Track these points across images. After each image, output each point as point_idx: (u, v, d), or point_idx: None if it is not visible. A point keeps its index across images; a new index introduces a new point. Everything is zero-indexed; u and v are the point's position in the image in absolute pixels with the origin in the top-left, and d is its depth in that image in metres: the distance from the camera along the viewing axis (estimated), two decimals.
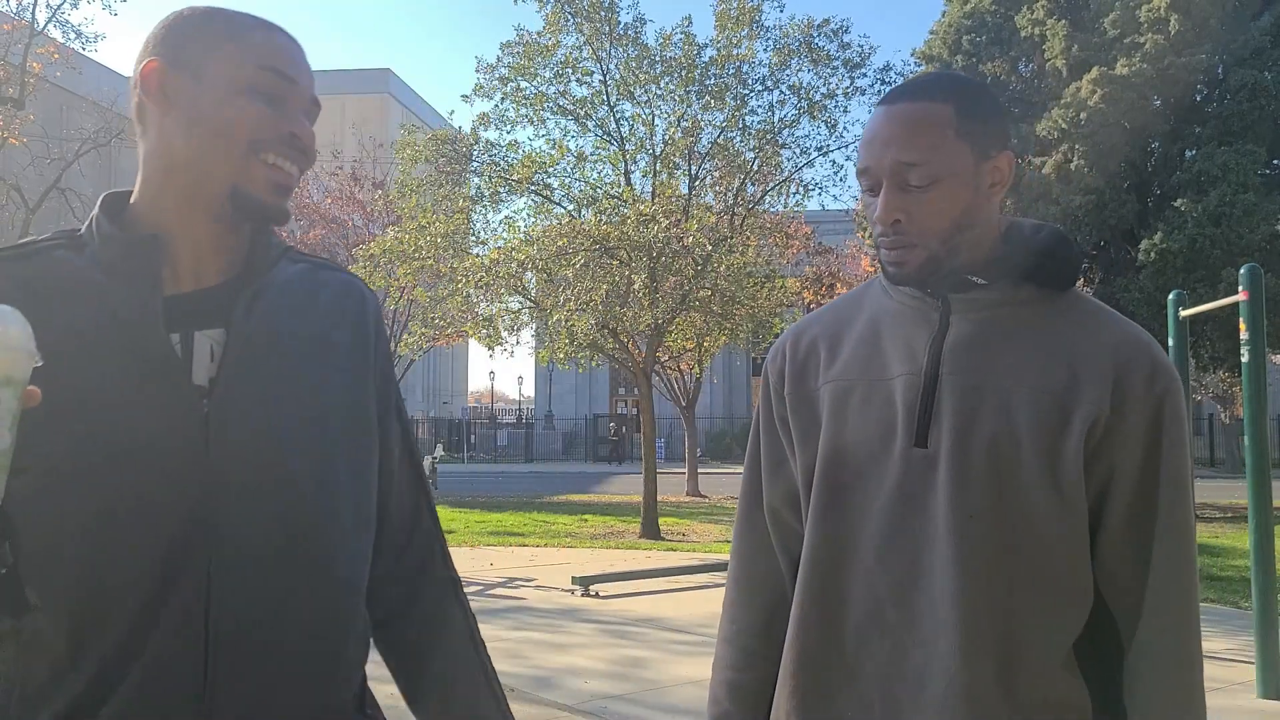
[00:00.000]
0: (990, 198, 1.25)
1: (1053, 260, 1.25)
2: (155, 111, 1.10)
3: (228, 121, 1.08)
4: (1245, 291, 5.42)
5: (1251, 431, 5.43)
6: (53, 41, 20.72)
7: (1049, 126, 14.58)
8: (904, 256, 1.23)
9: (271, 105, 1.10)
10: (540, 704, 5.12)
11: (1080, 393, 1.17)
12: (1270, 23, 14.49)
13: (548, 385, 43.38)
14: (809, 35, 14.28)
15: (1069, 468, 1.16)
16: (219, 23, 1.12)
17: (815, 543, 1.29)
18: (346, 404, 1.16)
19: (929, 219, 1.21)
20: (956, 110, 1.21)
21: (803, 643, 1.29)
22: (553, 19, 13.66)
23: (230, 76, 1.09)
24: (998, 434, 1.18)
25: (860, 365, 1.30)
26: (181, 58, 1.10)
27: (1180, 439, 1.20)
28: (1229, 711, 5.02)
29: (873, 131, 1.24)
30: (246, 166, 1.08)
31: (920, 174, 1.20)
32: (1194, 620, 1.20)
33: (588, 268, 11.79)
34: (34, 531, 0.97)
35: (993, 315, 1.24)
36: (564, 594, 8.33)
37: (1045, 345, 1.21)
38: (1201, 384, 29.31)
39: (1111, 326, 1.23)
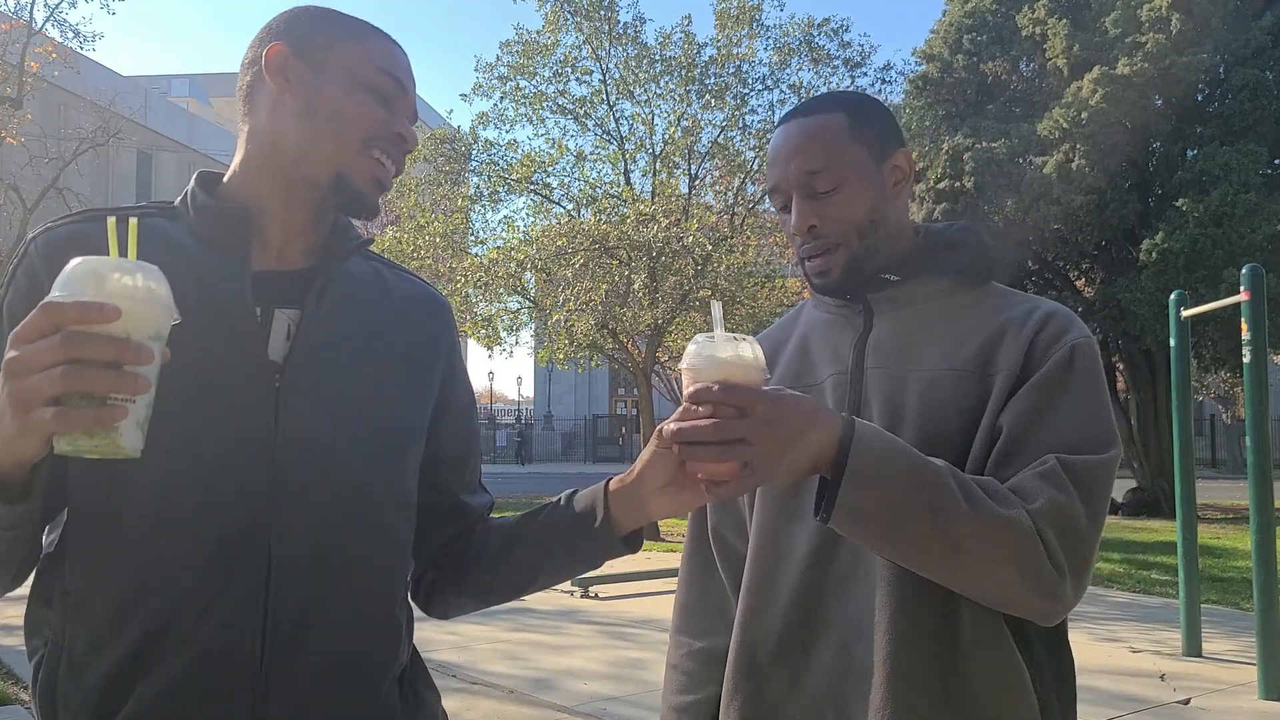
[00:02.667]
0: (896, 195, 1.31)
1: (967, 254, 1.31)
2: (273, 92, 1.15)
3: (346, 114, 1.14)
4: (1247, 291, 5.41)
5: (1253, 432, 5.42)
6: (50, 41, 20.70)
7: (1050, 126, 14.55)
8: (827, 262, 1.29)
9: (385, 106, 1.17)
10: (539, 705, 5.10)
11: (997, 363, 1.21)
12: (1272, 22, 14.47)
13: (547, 386, 43.37)
14: (809, 34, 14.26)
15: (989, 430, 1.19)
16: (345, 22, 1.19)
17: (756, 550, 1.32)
18: (400, 405, 1.20)
19: (842, 219, 1.27)
20: (847, 116, 1.29)
21: (747, 654, 1.30)
22: (552, 18, 13.64)
23: (353, 72, 1.15)
24: (924, 416, 1.21)
25: (793, 374, 1.35)
26: (305, 47, 1.16)
27: (1089, 381, 1.18)
28: (1231, 712, 5.00)
29: (775, 150, 1.31)
30: (355, 158, 1.15)
31: (825, 179, 1.26)
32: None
33: (587, 267, 11.76)
34: (98, 499, 1.02)
35: (913, 311, 1.29)
36: (563, 595, 8.31)
37: (964, 329, 1.25)
38: (1203, 384, 29.29)
39: (1024, 303, 1.27)
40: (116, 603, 1.04)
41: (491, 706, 5.07)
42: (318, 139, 1.14)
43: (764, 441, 1.04)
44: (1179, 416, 6.60)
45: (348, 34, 1.18)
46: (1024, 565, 1.08)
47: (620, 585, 8.61)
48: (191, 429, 1.04)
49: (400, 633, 1.20)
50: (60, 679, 1.05)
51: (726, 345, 1.07)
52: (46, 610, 1.09)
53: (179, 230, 1.14)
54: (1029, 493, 1.10)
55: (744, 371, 1.06)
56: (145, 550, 1.04)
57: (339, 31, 1.18)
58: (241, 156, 1.18)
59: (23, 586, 1.14)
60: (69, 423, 0.80)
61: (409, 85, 1.20)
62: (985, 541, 1.07)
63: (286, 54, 1.15)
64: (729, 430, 1.03)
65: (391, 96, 1.18)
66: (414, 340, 1.25)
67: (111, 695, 1.04)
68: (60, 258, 0.90)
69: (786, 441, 1.05)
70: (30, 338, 0.80)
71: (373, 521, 1.15)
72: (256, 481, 1.07)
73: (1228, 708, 5.09)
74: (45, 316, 0.80)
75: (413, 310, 1.27)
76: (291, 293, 1.15)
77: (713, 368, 1.06)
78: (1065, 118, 14.29)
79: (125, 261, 0.85)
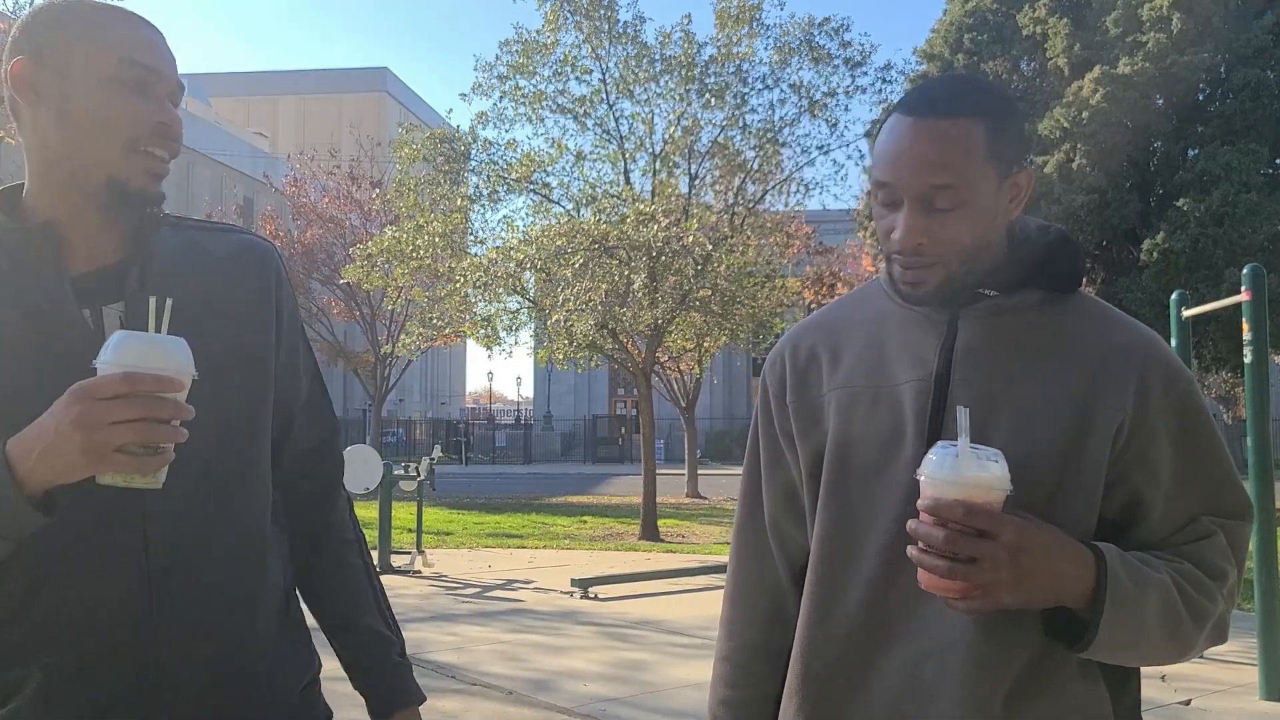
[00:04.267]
0: (1009, 214, 1.22)
1: (1058, 263, 1.24)
2: (27, 109, 1.17)
3: (101, 116, 1.15)
4: (1248, 291, 5.39)
5: (1254, 432, 5.41)
6: None
7: (1051, 125, 14.55)
8: (922, 276, 1.21)
9: (140, 96, 1.16)
10: (538, 707, 5.09)
11: (1101, 397, 1.16)
12: (1273, 21, 14.46)
13: (546, 386, 43.36)
14: (809, 33, 14.23)
15: (1090, 473, 1.14)
16: (79, 17, 1.17)
17: (821, 555, 1.25)
18: (241, 355, 1.26)
19: (952, 241, 1.18)
20: (988, 128, 1.17)
21: (808, 658, 1.25)
22: (551, 17, 13.62)
23: (97, 71, 1.15)
24: (1010, 440, 1.14)
25: (866, 372, 1.27)
26: (45, 54, 1.16)
27: (1210, 432, 1.20)
28: (1232, 713, 4.99)
29: (899, 147, 1.18)
30: (122, 160, 1.16)
31: (948, 197, 1.17)
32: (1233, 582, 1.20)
33: (587, 267, 11.75)
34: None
35: (1001, 321, 1.22)
36: (563, 596, 8.30)
37: (1058, 350, 1.19)
38: (1204, 384, 29.32)
39: (1122, 328, 1.22)
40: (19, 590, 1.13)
41: (491, 708, 5.06)
42: (80, 148, 1.15)
43: (1001, 568, 1.03)
44: None
45: (84, 30, 1.16)
46: (1216, 641, 1.19)
47: (620, 586, 8.59)
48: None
49: (265, 558, 1.28)
50: None
51: (971, 463, 1.04)
52: None
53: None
54: (1216, 572, 1.16)
55: (987, 493, 1.03)
56: (27, 560, 1.11)
57: (74, 30, 1.16)
58: (27, 173, 1.21)
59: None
60: (135, 466, 1.00)
61: (162, 65, 1.18)
62: (1199, 638, 1.16)
63: (28, 66, 1.16)
64: (963, 546, 1.03)
65: (144, 84, 1.17)
66: (243, 297, 1.29)
67: (8, 682, 1.14)
68: None
69: (1030, 571, 1.05)
70: (105, 395, 0.98)
71: (226, 468, 1.23)
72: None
73: (1228, 708, 5.08)
74: (127, 384, 0.98)
75: (234, 267, 1.30)
76: (114, 288, 1.18)
77: (954, 485, 1.03)
78: (1066, 117, 14.28)
79: (177, 341, 1.04)
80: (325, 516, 1.43)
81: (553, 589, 8.64)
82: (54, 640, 1.14)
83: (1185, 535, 1.16)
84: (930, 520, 1.04)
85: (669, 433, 35.01)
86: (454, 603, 7.93)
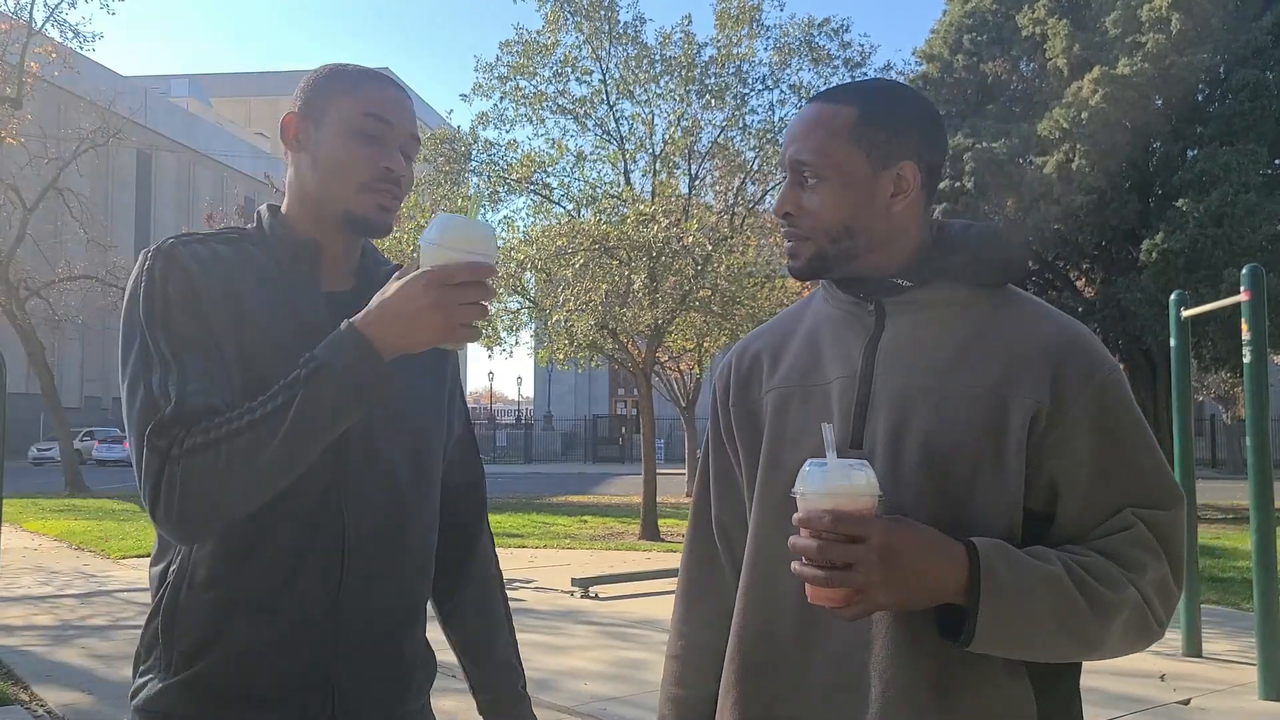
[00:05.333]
0: (892, 206, 1.26)
1: (984, 258, 1.26)
2: (292, 154, 1.41)
3: (340, 162, 1.36)
4: (1247, 292, 5.40)
5: (1253, 432, 5.42)
6: (50, 41, 20.69)
7: (1050, 126, 14.56)
8: (795, 249, 1.29)
9: (374, 145, 1.36)
10: (539, 706, 5.08)
11: (1016, 386, 1.17)
12: (1272, 22, 14.47)
13: (547, 386, 43.37)
14: (809, 34, 14.26)
15: (1010, 463, 1.16)
16: (342, 79, 1.40)
17: (754, 552, 1.30)
18: (435, 402, 1.49)
19: (814, 217, 1.26)
20: (859, 116, 1.25)
21: (744, 655, 1.29)
22: (552, 18, 13.63)
23: (344, 122, 1.36)
24: (930, 432, 1.18)
25: (800, 372, 1.32)
26: (310, 109, 1.39)
27: (1133, 422, 1.19)
28: (1231, 713, 5.01)
29: (789, 125, 1.32)
30: (355, 197, 1.37)
31: (812, 171, 1.26)
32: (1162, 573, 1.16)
33: (587, 267, 11.76)
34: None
35: (928, 316, 1.25)
36: (563, 595, 8.31)
37: (979, 343, 1.21)
38: (1203, 384, 29.29)
39: (1045, 321, 1.23)
40: (222, 552, 1.29)
41: None
42: (325, 187, 1.37)
43: (875, 570, 1.05)
44: (1179, 416, 6.60)
45: (341, 89, 1.39)
46: (1140, 638, 1.16)
47: (620, 586, 8.60)
48: None
49: (430, 573, 1.49)
50: (182, 597, 1.29)
51: (837, 474, 1.08)
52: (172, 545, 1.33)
53: (261, 255, 1.38)
54: (1130, 562, 1.14)
55: (854, 500, 1.07)
56: (243, 520, 1.26)
57: (335, 89, 1.39)
58: (286, 200, 1.43)
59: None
60: (467, 336, 1.22)
61: (396, 118, 1.38)
62: (1109, 632, 1.13)
63: (296, 119, 1.40)
64: (835, 554, 1.06)
65: (379, 135, 1.37)
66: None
67: (215, 627, 1.29)
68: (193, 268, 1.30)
69: (901, 571, 1.07)
70: (455, 281, 1.17)
71: (422, 502, 1.43)
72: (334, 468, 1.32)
73: (1228, 708, 5.09)
74: (471, 272, 1.18)
75: None
76: (349, 308, 1.32)
77: (823, 496, 1.07)
78: (1065, 118, 14.29)
79: (489, 227, 1.25)
80: (472, 552, 1.62)
81: (553, 588, 8.66)
82: (253, 605, 1.29)
83: (1106, 528, 1.16)
84: (805, 533, 1.08)
85: (669, 432, 35.01)
86: None
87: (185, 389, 1.22)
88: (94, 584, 9.13)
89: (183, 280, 1.29)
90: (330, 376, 1.18)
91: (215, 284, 1.30)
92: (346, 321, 1.21)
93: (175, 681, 1.29)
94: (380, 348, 1.20)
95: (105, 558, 10.96)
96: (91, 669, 5.87)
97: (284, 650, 1.30)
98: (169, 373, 1.23)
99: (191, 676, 1.29)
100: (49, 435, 34.39)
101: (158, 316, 1.27)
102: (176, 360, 1.24)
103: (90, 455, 33.53)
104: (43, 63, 20.31)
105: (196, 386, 1.23)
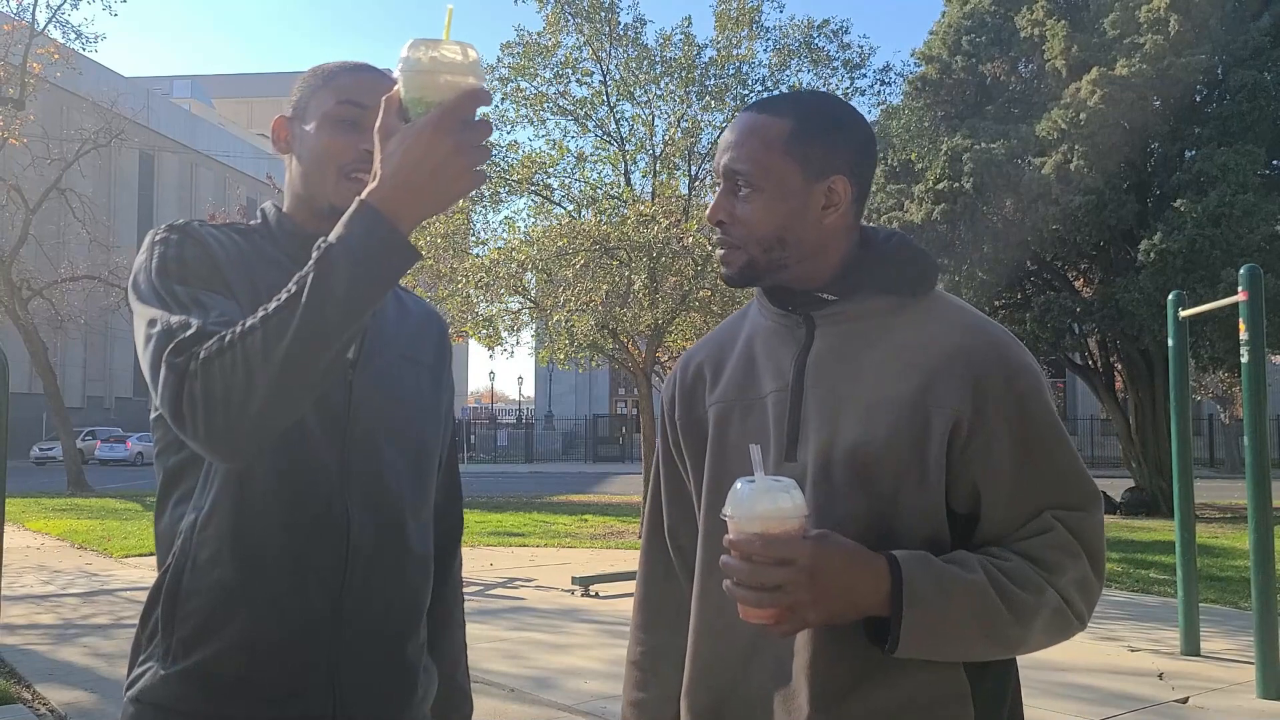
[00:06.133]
0: (823, 218, 1.27)
1: (901, 267, 1.29)
2: (286, 157, 1.41)
3: (319, 153, 1.35)
4: (1245, 292, 5.42)
5: (1251, 432, 5.43)
6: (53, 42, 20.71)
7: (1049, 127, 14.58)
8: (728, 258, 1.30)
9: (351, 131, 1.33)
10: (540, 704, 5.12)
11: (937, 396, 1.20)
12: (1270, 23, 14.49)
13: (548, 385, 43.38)
14: (809, 36, 14.27)
15: (932, 470, 1.19)
16: (319, 74, 1.40)
17: (705, 560, 1.34)
18: (434, 410, 1.47)
19: (746, 226, 1.27)
20: (795, 128, 1.26)
21: (697, 658, 1.34)
22: (553, 19, 13.66)
23: (321, 114, 1.36)
24: (857, 444, 1.21)
25: (737, 385, 1.34)
26: (297, 108, 1.40)
27: (1050, 427, 1.22)
28: (1229, 712, 5.02)
29: (725, 133, 1.32)
30: (336, 187, 1.33)
31: (745, 180, 1.27)
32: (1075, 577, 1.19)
33: (588, 268, 11.78)
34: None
35: (854, 328, 1.27)
36: (564, 594, 8.33)
37: (902, 352, 1.23)
38: (1201, 384, 29.30)
39: (968, 331, 1.25)
40: (226, 536, 1.26)
41: (492, 705, 5.09)
42: (311, 181, 1.37)
43: (803, 590, 1.09)
44: (1177, 416, 6.62)
45: (318, 84, 1.38)
46: (1059, 633, 1.20)
47: (621, 584, 8.62)
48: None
49: (431, 576, 1.46)
50: (185, 579, 1.27)
51: (764, 497, 1.10)
52: (180, 527, 1.30)
53: (269, 247, 1.37)
54: (1049, 564, 1.17)
55: (782, 523, 1.09)
56: (246, 505, 1.27)
57: (314, 85, 1.39)
58: (286, 202, 1.43)
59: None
60: (482, 179, 1.10)
61: (371, 100, 1.29)
62: (1030, 632, 1.17)
63: (284, 122, 1.41)
64: (765, 576, 1.09)
65: (356, 120, 1.34)
66: (435, 352, 1.51)
67: (217, 614, 1.26)
68: (210, 242, 1.30)
69: (829, 589, 1.10)
70: (468, 114, 1.06)
71: (421, 507, 1.41)
72: (337, 460, 1.31)
73: (1226, 707, 5.11)
74: (474, 100, 1.06)
75: (429, 327, 1.53)
76: None
77: (751, 520, 1.09)
78: (1064, 118, 14.31)
79: (460, 50, 1.08)
80: (445, 569, 1.58)
81: (554, 587, 8.68)
82: (258, 599, 1.26)
83: (1026, 531, 1.19)
84: (736, 555, 1.11)
85: None
86: None
87: (207, 319, 1.16)
88: (96, 583, 9.15)
89: (199, 249, 1.28)
90: (339, 254, 1.07)
91: (232, 261, 1.30)
92: (358, 198, 1.11)
93: (175, 671, 1.26)
94: (394, 215, 1.08)
95: (108, 557, 10.99)
96: (94, 668, 5.89)
97: (287, 647, 1.27)
98: (189, 311, 1.17)
99: (192, 666, 1.25)
100: (51, 435, 34.43)
101: (173, 272, 1.24)
102: (195, 302, 1.19)
103: (92, 455, 33.56)
104: (45, 63, 20.33)
105: (217, 318, 1.16)
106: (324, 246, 1.08)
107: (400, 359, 1.41)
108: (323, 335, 1.07)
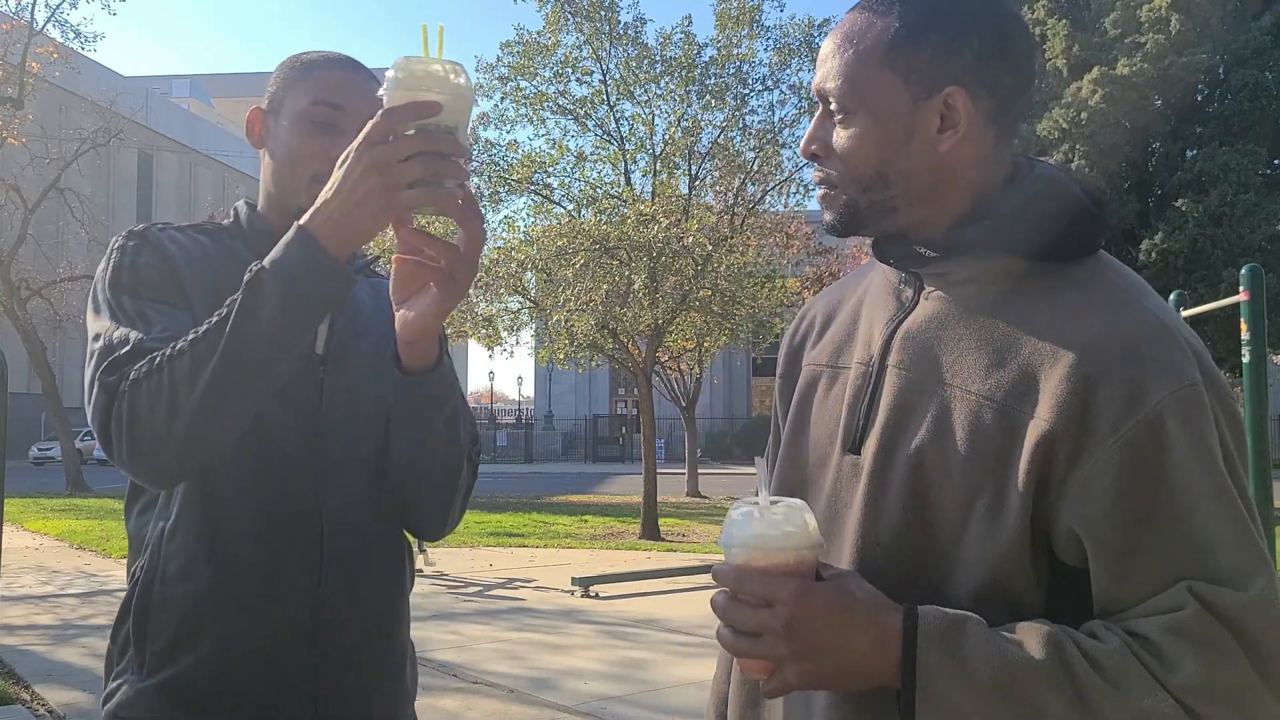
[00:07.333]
0: (938, 145, 0.98)
1: (1040, 220, 0.96)
2: (261, 150, 1.37)
3: (292, 153, 1.32)
4: (1246, 292, 5.41)
5: (1253, 432, 5.42)
6: (52, 41, 20.70)
7: (1050, 126, 14.58)
8: (825, 198, 1.05)
9: (325, 134, 1.30)
10: (540, 705, 5.11)
11: (1032, 401, 0.90)
12: (1271, 22, 14.50)
13: (547, 385, 43.38)
14: (809, 34, 14.28)
15: (1011, 500, 0.90)
16: (294, 68, 1.36)
17: None
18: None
19: (843, 158, 1.01)
20: (898, 29, 0.98)
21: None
22: (553, 18, 13.66)
23: (295, 113, 1.32)
24: (923, 446, 0.95)
25: (834, 348, 1.11)
26: (273, 102, 1.36)
27: (1199, 463, 0.87)
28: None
29: (823, 44, 1.06)
30: (306, 192, 1.28)
31: (836, 101, 1.01)
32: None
33: (588, 268, 11.77)
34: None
35: (963, 294, 0.99)
36: (564, 595, 8.32)
37: (1010, 337, 0.94)
38: None
39: (1106, 316, 0.92)
40: (196, 545, 1.23)
41: (492, 706, 5.08)
42: (281, 181, 1.34)
43: (780, 643, 0.87)
44: None
45: (294, 79, 1.34)
46: None
47: (620, 585, 8.61)
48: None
49: (406, 574, 1.41)
50: (154, 593, 1.23)
51: (750, 522, 0.90)
52: (147, 536, 1.27)
53: (240, 246, 1.34)
54: (1167, 657, 0.84)
55: (767, 555, 0.88)
56: (216, 511, 1.24)
57: (290, 79, 1.35)
58: (260, 194, 1.40)
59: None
60: (428, 199, 1.01)
61: (349, 101, 1.31)
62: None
63: (259, 114, 1.37)
64: (739, 617, 0.89)
65: (331, 123, 1.31)
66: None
67: (189, 626, 1.23)
68: (169, 247, 1.27)
69: (807, 646, 0.87)
70: (379, 138, 1.00)
71: (393, 501, 1.35)
72: (309, 454, 1.28)
73: None
74: (388, 120, 0.99)
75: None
76: None
77: (734, 549, 0.90)
78: (1065, 118, 14.31)
79: (448, 62, 1.01)
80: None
81: (554, 587, 8.67)
82: (231, 605, 1.23)
83: (1150, 606, 0.86)
84: (720, 588, 0.91)
85: (669, 432, 35.02)
86: (455, 601, 7.97)
87: (148, 334, 1.15)
88: (95, 583, 9.14)
89: (156, 256, 1.26)
90: (265, 279, 1.05)
91: (194, 266, 1.27)
92: (296, 223, 1.08)
93: (150, 685, 1.23)
94: (323, 239, 1.04)
95: (106, 557, 10.97)
96: (93, 668, 5.88)
97: (264, 656, 1.24)
98: (133, 325, 1.17)
99: (167, 680, 1.22)
100: (50, 435, 34.42)
101: (125, 283, 1.24)
102: (141, 316, 1.19)
103: (91, 455, 33.55)
104: (44, 63, 20.31)
105: (159, 334, 1.15)
106: (255, 270, 1.06)
107: (374, 352, 1.35)
108: (247, 362, 1.06)
